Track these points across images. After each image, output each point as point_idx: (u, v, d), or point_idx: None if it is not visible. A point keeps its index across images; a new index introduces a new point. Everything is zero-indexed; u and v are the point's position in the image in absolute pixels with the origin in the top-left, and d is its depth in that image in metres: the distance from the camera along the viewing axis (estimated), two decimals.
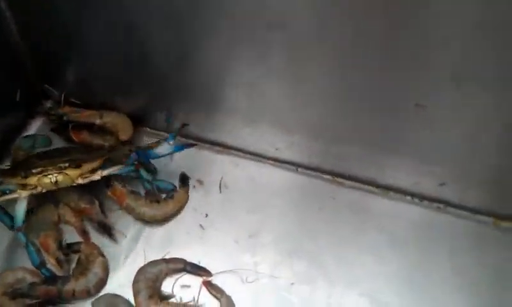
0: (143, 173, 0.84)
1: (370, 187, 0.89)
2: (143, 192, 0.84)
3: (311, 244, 0.81)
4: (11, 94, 0.91)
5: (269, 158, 0.93)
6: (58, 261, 0.76)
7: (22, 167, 0.77)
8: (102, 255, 0.78)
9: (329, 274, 0.77)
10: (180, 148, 0.85)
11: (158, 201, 0.83)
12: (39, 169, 0.74)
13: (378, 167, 0.86)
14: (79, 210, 0.82)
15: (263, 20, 0.70)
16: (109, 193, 0.82)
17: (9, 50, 0.89)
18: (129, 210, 0.82)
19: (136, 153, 0.82)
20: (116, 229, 0.81)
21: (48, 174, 0.75)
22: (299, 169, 0.91)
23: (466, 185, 0.82)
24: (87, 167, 0.78)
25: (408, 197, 0.87)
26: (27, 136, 0.94)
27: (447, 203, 0.86)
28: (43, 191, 0.76)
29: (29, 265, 0.76)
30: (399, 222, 0.84)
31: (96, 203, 0.82)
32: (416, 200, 0.87)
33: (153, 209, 0.82)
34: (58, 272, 0.76)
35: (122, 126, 0.92)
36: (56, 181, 0.75)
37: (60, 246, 0.78)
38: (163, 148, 0.83)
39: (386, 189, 0.88)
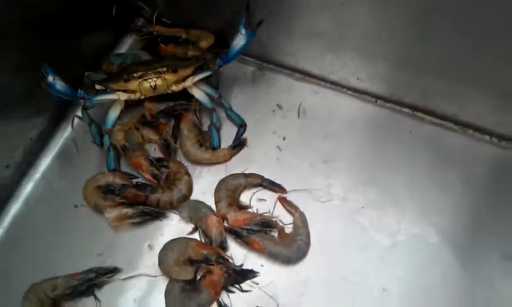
0: (224, 102, 0.86)
1: (450, 124, 0.86)
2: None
3: (385, 175, 0.81)
4: (108, 10, 0.92)
5: (349, 88, 0.91)
6: (154, 176, 0.79)
7: (124, 73, 0.79)
8: (188, 174, 0.80)
9: (400, 204, 0.78)
10: (252, 33, 0.78)
11: (202, 145, 0.84)
12: (140, 73, 0.77)
13: (461, 103, 0.82)
14: (156, 125, 0.85)
15: None
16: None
17: None
18: (182, 139, 0.84)
19: (220, 58, 0.81)
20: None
21: (148, 79, 0.77)
22: (378, 101, 0.89)
23: None
24: (182, 72, 0.80)
25: (487, 137, 0.84)
26: (118, 54, 0.96)
27: None
28: (141, 98, 0.79)
29: None
30: (474, 161, 0.82)
31: (172, 121, 0.84)
32: (494, 140, 0.84)
33: (195, 150, 0.83)
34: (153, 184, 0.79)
35: (204, 36, 0.93)
36: (155, 87, 0.78)
37: (152, 163, 0.80)
38: (238, 40, 0.78)
39: (466, 127, 0.85)
